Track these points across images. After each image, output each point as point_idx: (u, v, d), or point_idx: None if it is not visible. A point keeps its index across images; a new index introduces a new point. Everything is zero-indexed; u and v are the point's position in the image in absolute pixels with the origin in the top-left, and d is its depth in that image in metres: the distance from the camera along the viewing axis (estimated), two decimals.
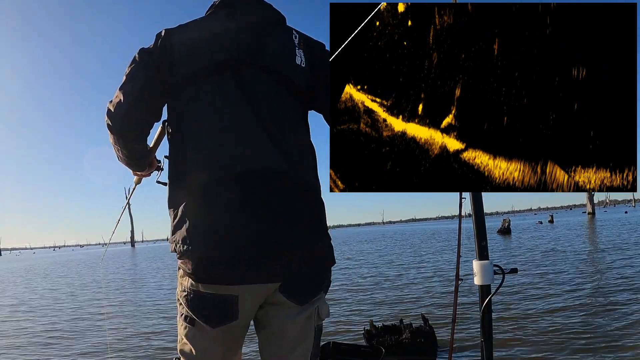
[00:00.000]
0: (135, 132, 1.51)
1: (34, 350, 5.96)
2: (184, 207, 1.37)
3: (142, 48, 1.49)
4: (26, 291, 13.70)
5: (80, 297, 11.47)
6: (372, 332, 4.77)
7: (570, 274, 9.00)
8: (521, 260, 12.05)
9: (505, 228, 26.62)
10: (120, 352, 5.57)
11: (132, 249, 66.10)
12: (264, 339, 1.48)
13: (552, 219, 40.03)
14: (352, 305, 7.47)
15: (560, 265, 10.33)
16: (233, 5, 1.52)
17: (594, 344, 4.46)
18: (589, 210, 47.90)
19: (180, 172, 1.42)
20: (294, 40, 1.54)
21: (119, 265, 25.04)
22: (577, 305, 6.14)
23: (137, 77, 1.44)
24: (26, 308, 10.02)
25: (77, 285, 14.48)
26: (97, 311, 8.95)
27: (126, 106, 1.42)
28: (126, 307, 9.15)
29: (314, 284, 1.44)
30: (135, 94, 1.43)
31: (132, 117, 1.45)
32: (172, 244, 1.39)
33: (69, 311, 9.14)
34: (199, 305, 1.38)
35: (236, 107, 1.42)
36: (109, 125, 1.46)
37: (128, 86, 1.44)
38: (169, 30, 1.49)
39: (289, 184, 1.40)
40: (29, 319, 8.45)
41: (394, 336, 4.59)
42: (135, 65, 1.46)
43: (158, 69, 1.44)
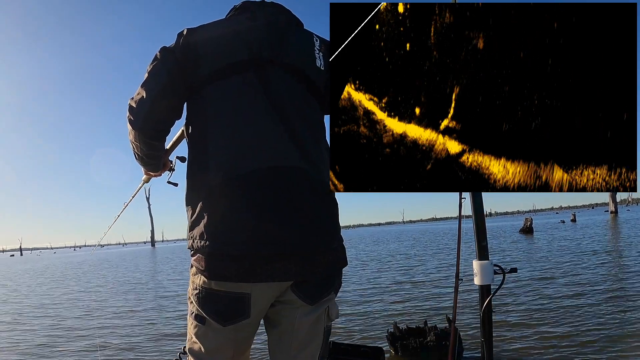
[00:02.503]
0: (156, 129, 1.51)
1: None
2: (202, 203, 1.37)
3: (164, 46, 1.50)
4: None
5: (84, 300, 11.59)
6: (396, 334, 4.67)
7: (589, 274, 8.86)
8: (542, 259, 11.91)
9: (528, 227, 26.22)
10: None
11: (152, 249, 66.80)
12: (274, 338, 1.48)
13: (574, 218, 39.40)
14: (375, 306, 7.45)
15: (581, 265, 10.18)
16: (253, 8, 1.55)
17: (600, 346, 4.39)
18: (612, 209, 47.19)
19: (200, 169, 1.43)
20: (315, 43, 1.56)
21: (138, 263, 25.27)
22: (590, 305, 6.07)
23: (159, 74, 1.45)
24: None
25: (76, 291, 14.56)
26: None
27: (149, 103, 1.43)
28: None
29: (325, 284, 1.44)
30: (157, 91, 1.43)
31: (154, 114, 1.46)
32: (190, 240, 1.40)
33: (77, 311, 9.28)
34: (210, 303, 1.38)
35: (258, 106, 1.42)
36: (130, 121, 1.46)
37: (150, 83, 1.44)
38: (190, 29, 1.50)
39: (308, 184, 1.40)
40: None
41: (418, 339, 4.48)
42: (157, 62, 1.46)
43: (180, 67, 1.45)
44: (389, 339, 4.67)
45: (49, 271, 24.83)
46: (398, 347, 4.47)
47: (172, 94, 1.46)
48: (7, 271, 27.96)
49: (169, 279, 14.73)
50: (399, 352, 4.47)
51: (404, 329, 4.74)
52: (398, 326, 4.78)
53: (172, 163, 1.84)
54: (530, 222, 26.81)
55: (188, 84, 1.46)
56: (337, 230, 1.48)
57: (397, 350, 4.49)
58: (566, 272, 9.30)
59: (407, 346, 4.41)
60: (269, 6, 1.57)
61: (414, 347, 4.36)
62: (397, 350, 4.49)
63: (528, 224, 26.62)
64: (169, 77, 1.44)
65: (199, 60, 1.45)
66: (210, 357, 1.43)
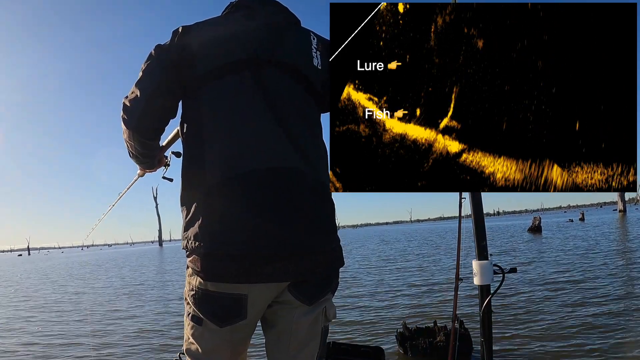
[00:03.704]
0: (151, 128, 1.51)
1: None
2: (197, 204, 1.37)
3: (159, 44, 1.49)
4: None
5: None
6: (405, 334, 4.59)
7: (598, 274, 8.78)
8: (552, 258, 11.85)
9: (536, 226, 26.01)
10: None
11: (160, 248, 66.96)
12: (271, 338, 1.47)
13: (583, 217, 39.11)
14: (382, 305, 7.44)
15: (588, 265, 10.09)
16: (251, 6, 1.53)
17: (600, 346, 4.36)
18: (620, 208, 46.94)
19: (195, 169, 1.42)
20: (312, 42, 1.54)
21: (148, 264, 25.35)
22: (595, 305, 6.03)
23: (154, 73, 1.44)
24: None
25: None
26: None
27: (143, 102, 1.42)
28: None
29: (323, 284, 1.44)
30: (152, 90, 1.42)
31: (149, 113, 1.45)
32: (184, 241, 1.39)
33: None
34: (206, 304, 1.37)
35: (255, 106, 1.41)
36: (124, 120, 1.46)
37: (144, 82, 1.43)
38: (186, 26, 1.49)
39: (305, 184, 1.39)
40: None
41: (428, 339, 4.39)
42: (151, 61, 1.45)
43: (175, 65, 1.43)
44: (398, 339, 4.62)
45: (57, 271, 24.96)
46: (407, 347, 4.42)
47: (167, 92, 1.45)
48: (11, 271, 28.11)
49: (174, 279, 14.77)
50: (408, 352, 4.41)
51: (414, 329, 4.67)
52: (407, 326, 4.71)
53: (167, 159, 1.83)
54: (538, 221, 26.61)
55: (183, 83, 1.45)
56: (335, 231, 1.47)
57: (407, 350, 4.43)
58: (576, 273, 9.23)
59: (416, 346, 4.35)
60: (267, 4, 1.55)
61: (424, 348, 4.30)
62: (407, 351, 4.43)
63: (537, 222, 26.42)
64: (164, 75, 1.43)
65: (194, 59, 1.43)
66: (207, 358, 1.43)
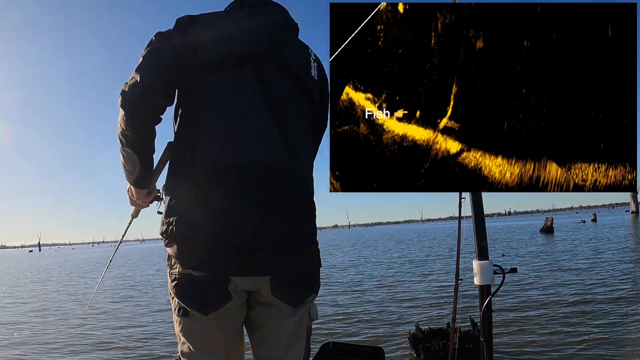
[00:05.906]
0: (148, 114, 1.46)
1: None
2: (182, 192, 1.38)
3: (160, 31, 1.49)
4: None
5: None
6: (418, 336, 4.45)
7: (605, 277, 8.68)
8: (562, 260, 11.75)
9: (548, 227, 25.82)
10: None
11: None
12: (257, 341, 1.47)
13: (595, 218, 38.82)
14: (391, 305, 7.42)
15: (598, 268, 9.98)
16: (254, 5, 1.54)
17: (600, 349, 4.30)
18: (633, 209, 46.30)
19: (185, 157, 1.42)
20: (310, 53, 1.55)
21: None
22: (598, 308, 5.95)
23: (153, 59, 1.43)
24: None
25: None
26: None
27: (142, 86, 1.40)
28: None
29: (307, 285, 1.45)
30: (151, 75, 1.41)
31: (147, 97, 1.42)
32: (164, 226, 1.39)
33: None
34: (189, 291, 1.36)
35: (252, 100, 1.42)
36: (122, 104, 1.41)
37: (143, 68, 1.42)
38: (192, 16, 1.49)
39: (293, 182, 1.40)
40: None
41: (441, 341, 4.25)
42: (151, 47, 1.45)
43: (175, 53, 1.43)
44: (410, 341, 4.52)
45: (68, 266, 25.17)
46: (420, 349, 4.31)
47: (166, 79, 1.44)
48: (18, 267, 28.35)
49: None
50: (421, 354, 4.31)
51: (426, 331, 4.54)
52: (420, 328, 4.60)
53: (159, 192, 1.78)
54: (550, 222, 26.42)
55: (183, 71, 1.44)
56: (315, 232, 1.49)
57: (419, 352, 4.33)
58: (586, 274, 9.15)
59: (429, 349, 4.24)
60: (269, 4, 1.56)
61: (437, 350, 4.19)
62: (419, 353, 4.33)
63: (549, 223, 26.24)
64: (163, 61, 1.43)
65: (197, 48, 1.43)
66: (201, 355, 1.41)
